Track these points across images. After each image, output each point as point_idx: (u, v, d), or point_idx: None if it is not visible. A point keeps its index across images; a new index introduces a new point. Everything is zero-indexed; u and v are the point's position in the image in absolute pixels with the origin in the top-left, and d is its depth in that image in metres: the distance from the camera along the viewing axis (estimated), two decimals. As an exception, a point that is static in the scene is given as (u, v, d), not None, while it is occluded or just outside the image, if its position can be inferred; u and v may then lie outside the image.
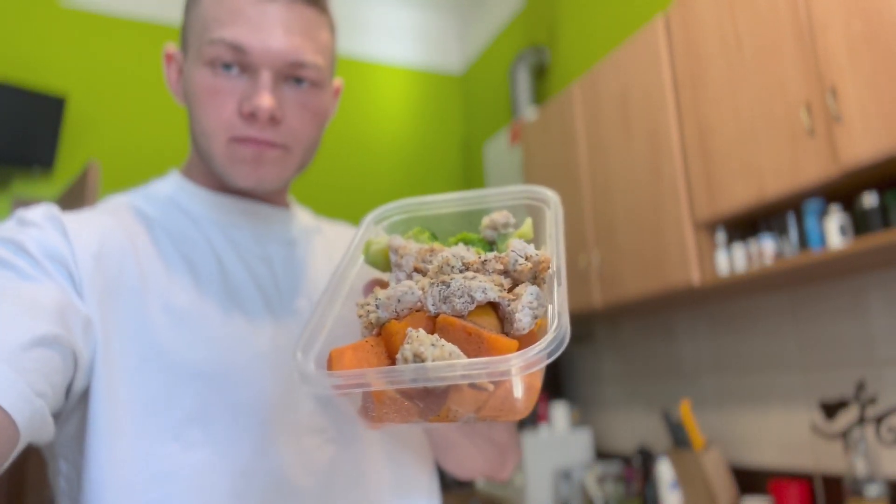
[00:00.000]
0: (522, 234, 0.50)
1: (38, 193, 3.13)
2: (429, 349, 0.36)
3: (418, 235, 0.53)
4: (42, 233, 0.61)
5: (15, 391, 0.48)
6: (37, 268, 0.58)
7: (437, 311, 0.41)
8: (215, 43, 0.65)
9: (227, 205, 0.75)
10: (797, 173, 1.67)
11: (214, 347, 0.65)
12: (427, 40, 4.34)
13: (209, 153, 0.70)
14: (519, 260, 0.43)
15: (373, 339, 0.42)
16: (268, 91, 0.66)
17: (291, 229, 0.80)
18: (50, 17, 3.28)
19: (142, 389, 0.62)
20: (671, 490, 2.22)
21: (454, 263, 0.43)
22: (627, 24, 2.82)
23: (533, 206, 0.52)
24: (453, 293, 0.40)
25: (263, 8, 0.66)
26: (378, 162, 3.99)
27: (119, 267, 0.64)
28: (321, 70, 0.70)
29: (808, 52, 1.66)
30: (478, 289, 0.40)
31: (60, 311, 0.56)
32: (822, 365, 1.98)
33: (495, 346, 0.37)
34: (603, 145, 2.42)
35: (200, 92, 0.68)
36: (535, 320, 0.40)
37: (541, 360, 0.33)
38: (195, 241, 0.71)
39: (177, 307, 0.65)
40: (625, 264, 2.28)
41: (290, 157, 0.71)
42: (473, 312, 0.40)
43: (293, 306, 0.73)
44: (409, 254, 0.47)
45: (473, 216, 0.54)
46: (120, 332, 0.62)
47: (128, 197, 0.74)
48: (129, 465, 0.60)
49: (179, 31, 0.74)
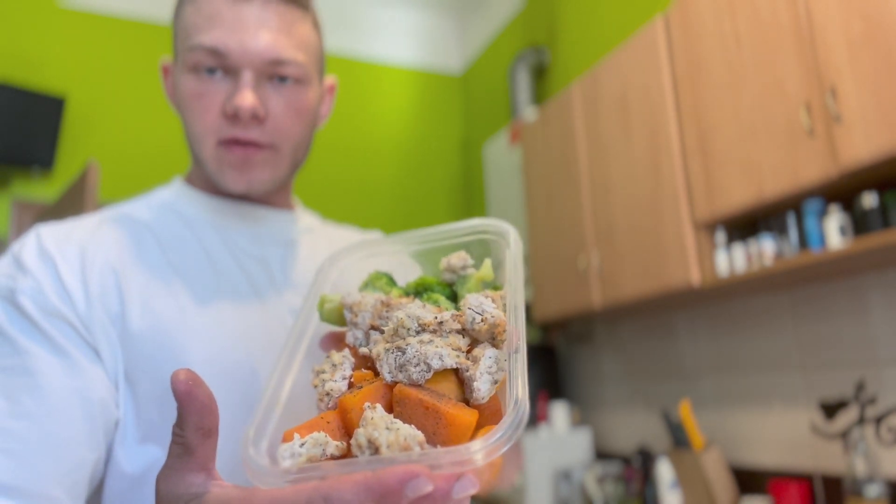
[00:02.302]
0: (482, 277, 0.49)
1: (38, 193, 3.13)
2: (383, 434, 0.35)
3: (375, 281, 0.52)
4: (37, 285, 0.62)
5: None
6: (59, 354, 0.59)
7: (394, 378, 0.40)
8: (195, 49, 0.67)
9: (224, 208, 0.75)
10: (797, 173, 1.67)
11: (206, 350, 0.65)
12: (427, 40, 4.34)
13: (201, 158, 0.70)
14: (476, 318, 0.42)
15: (329, 415, 0.41)
16: (248, 89, 0.66)
17: (291, 230, 0.80)
18: (49, 17, 3.28)
19: (138, 399, 0.62)
20: (671, 490, 2.22)
21: (409, 325, 0.42)
22: (627, 24, 2.83)
23: (491, 240, 0.51)
24: (409, 361, 0.39)
25: (240, 10, 0.67)
26: (378, 162, 3.99)
27: (102, 287, 0.64)
28: (303, 67, 0.70)
29: (807, 52, 1.66)
30: (434, 356, 0.39)
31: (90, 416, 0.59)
32: (822, 365, 1.98)
33: (453, 423, 0.37)
34: (603, 145, 2.42)
35: (187, 98, 0.69)
36: (494, 385, 0.39)
37: (501, 446, 0.33)
38: (187, 245, 0.71)
39: (159, 314, 0.65)
40: (624, 264, 2.28)
41: (280, 156, 0.71)
42: (432, 379, 0.40)
43: (289, 306, 0.73)
44: (365, 310, 0.46)
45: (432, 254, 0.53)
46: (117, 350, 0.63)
47: (126, 206, 0.75)
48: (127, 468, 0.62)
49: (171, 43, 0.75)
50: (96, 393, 0.60)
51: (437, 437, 0.37)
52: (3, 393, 0.56)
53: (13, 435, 0.55)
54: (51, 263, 0.63)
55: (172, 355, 0.63)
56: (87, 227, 0.69)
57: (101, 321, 0.62)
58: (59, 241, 0.66)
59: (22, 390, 0.57)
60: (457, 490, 0.31)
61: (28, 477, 0.54)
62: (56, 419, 0.57)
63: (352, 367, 0.45)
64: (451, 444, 0.36)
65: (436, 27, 4.39)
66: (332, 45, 3.92)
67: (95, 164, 2.50)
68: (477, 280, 0.50)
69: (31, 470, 0.54)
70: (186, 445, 0.36)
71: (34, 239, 0.66)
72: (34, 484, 0.54)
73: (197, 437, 0.36)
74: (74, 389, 0.59)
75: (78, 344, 0.61)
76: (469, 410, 0.38)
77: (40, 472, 0.54)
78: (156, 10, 3.53)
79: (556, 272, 2.66)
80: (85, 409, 0.58)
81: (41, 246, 0.65)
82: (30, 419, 0.56)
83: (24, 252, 0.64)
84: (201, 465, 0.36)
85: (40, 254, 0.64)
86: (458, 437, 0.36)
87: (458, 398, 0.40)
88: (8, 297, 0.61)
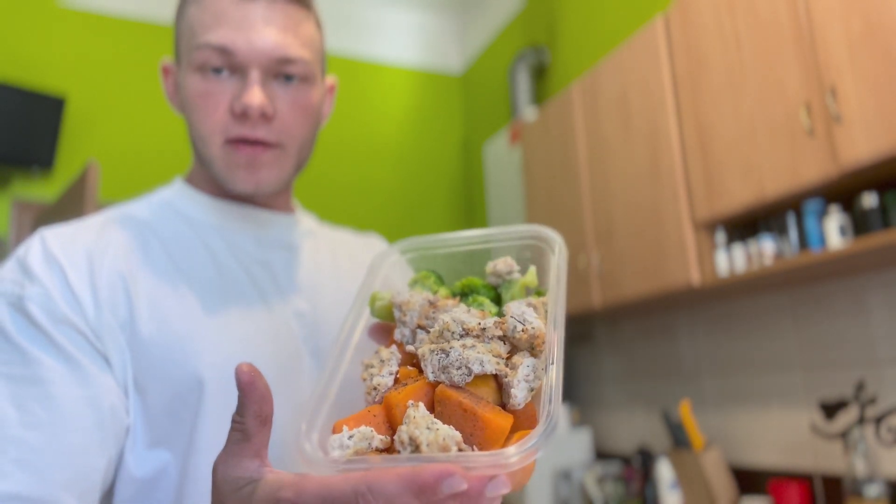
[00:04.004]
0: (527, 283, 0.52)
1: (38, 193, 3.13)
2: (424, 433, 0.37)
3: (424, 279, 0.54)
4: (45, 292, 0.61)
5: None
6: (68, 362, 0.59)
7: (437, 378, 0.43)
8: (202, 48, 0.67)
9: (227, 210, 0.75)
10: (797, 173, 1.67)
11: (214, 355, 0.65)
12: (427, 40, 4.34)
13: (208, 158, 0.70)
14: (517, 327, 0.44)
15: (375, 408, 0.43)
16: (257, 88, 0.66)
17: (293, 234, 0.80)
18: (49, 17, 3.28)
19: (147, 404, 0.63)
20: (671, 490, 2.22)
21: (454, 329, 0.45)
22: (627, 24, 2.83)
23: (537, 247, 0.53)
24: (451, 364, 0.42)
25: (246, 8, 0.67)
26: (378, 162, 3.99)
27: (110, 292, 0.64)
28: (308, 65, 0.71)
29: (807, 52, 1.66)
30: (475, 361, 0.42)
31: (101, 424, 0.59)
32: (822, 365, 1.98)
33: (489, 426, 0.39)
34: (603, 145, 2.42)
35: (193, 97, 0.69)
36: (530, 393, 0.42)
37: (533, 453, 0.35)
38: (191, 246, 0.71)
39: (167, 318, 0.65)
40: (624, 264, 2.28)
41: (286, 156, 0.71)
42: (472, 382, 0.42)
43: (294, 309, 0.73)
44: (413, 310, 0.49)
45: (479, 256, 0.56)
46: (125, 353, 0.63)
47: (128, 207, 0.75)
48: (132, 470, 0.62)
49: (173, 44, 0.75)
50: (106, 400, 0.60)
51: (474, 439, 0.39)
52: (14, 403, 0.56)
53: (25, 445, 0.55)
54: (58, 269, 0.63)
55: (181, 360, 0.63)
56: (92, 230, 0.69)
57: (111, 327, 0.62)
58: (65, 245, 0.65)
59: (32, 400, 0.57)
60: (490, 489, 0.33)
61: (40, 486, 0.54)
62: (67, 428, 0.57)
63: (398, 364, 0.47)
64: (486, 445, 0.39)
65: (436, 27, 4.39)
66: (333, 45, 3.92)
67: (95, 164, 2.50)
68: (521, 286, 0.52)
69: (43, 479, 0.54)
70: (245, 432, 0.39)
71: (39, 243, 0.65)
72: (47, 493, 0.54)
73: (255, 424, 0.39)
74: (85, 398, 0.59)
75: (87, 351, 0.61)
76: (504, 415, 0.41)
77: (52, 481, 0.55)
78: (156, 10, 3.53)
79: (556, 272, 2.66)
80: (95, 418, 0.59)
81: (47, 251, 0.64)
82: (41, 429, 0.56)
83: (30, 257, 0.63)
84: (256, 452, 0.39)
85: (47, 259, 0.63)
86: (493, 439, 0.39)
87: (496, 402, 0.42)
88: (16, 305, 0.60)
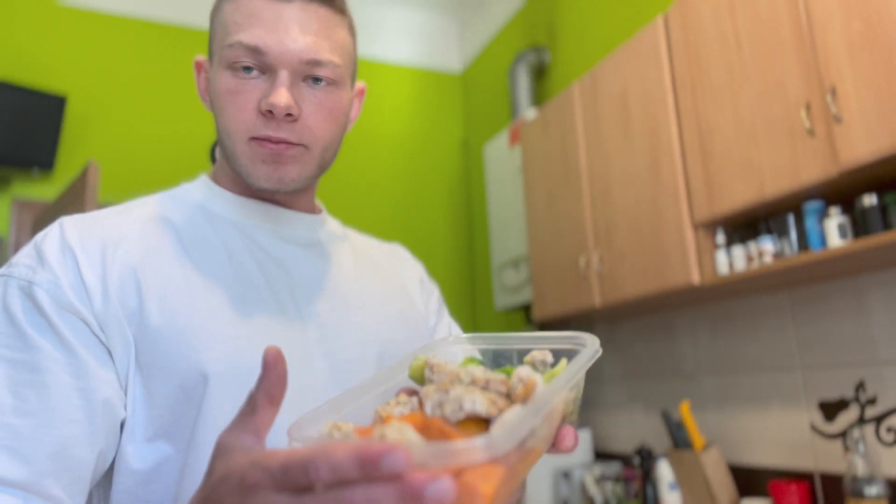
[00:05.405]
0: (554, 373, 0.53)
1: (38, 193, 3.13)
2: (392, 434, 0.38)
3: (468, 363, 0.56)
4: (55, 279, 0.62)
5: None
6: (68, 352, 0.60)
7: (433, 414, 0.44)
8: (234, 46, 0.68)
9: (248, 207, 0.76)
10: (797, 174, 1.67)
11: (222, 350, 0.65)
12: (427, 40, 4.34)
13: (233, 154, 0.71)
14: (518, 385, 0.45)
15: (367, 428, 0.45)
16: (284, 88, 0.67)
17: (316, 234, 0.81)
18: (49, 16, 3.28)
19: (150, 396, 0.63)
20: (671, 490, 2.22)
21: (463, 378, 0.47)
22: (627, 24, 2.83)
23: (575, 350, 0.55)
24: (447, 400, 0.43)
25: (279, 9, 0.68)
26: (378, 162, 3.99)
27: (120, 284, 0.65)
28: (338, 69, 0.71)
29: (807, 52, 1.66)
30: (469, 400, 0.43)
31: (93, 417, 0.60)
32: (822, 365, 1.98)
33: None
34: (603, 146, 2.42)
35: (223, 94, 0.70)
36: None
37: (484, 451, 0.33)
38: (208, 242, 0.72)
39: (177, 312, 0.65)
40: (624, 264, 2.28)
41: (309, 155, 0.72)
42: (464, 424, 0.43)
43: (308, 310, 0.73)
44: (443, 372, 0.51)
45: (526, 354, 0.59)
46: (133, 348, 0.64)
47: (149, 199, 0.76)
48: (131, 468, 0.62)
49: (207, 41, 0.77)
50: (101, 394, 0.60)
51: None
52: (10, 388, 0.58)
53: (14, 431, 0.56)
54: (71, 257, 0.64)
55: (187, 353, 0.63)
56: (111, 220, 0.70)
57: (118, 318, 0.63)
58: (81, 234, 0.66)
59: (27, 386, 0.58)
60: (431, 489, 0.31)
61: (26, 473, 0.55)
62: (57, 418, 0.58)
63: (410, 410, 0.49)
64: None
65: (436, 27, 4.39)
66: (332, 45, 3.92)
67: (95, 164, 2.50)
68: (551, 375, 0.53)
69: (28, 466, 0.55)
70: (254, 406, 0.42)
71: (58, 230, 0.66)
72: (32, 480, 0.55)
73: (264, 399, 0.42)
74: (78, 389, 0.59)
75: (89, 342, 0.61)
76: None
77: (40, 470, 0.56)
78: (157, 10, 3.53)
79: (556, 272, 2.66)
80: (87, 410, 0.59)
81: (63, 238, 0.65)
82: (31, 416, 0.57)
83: (46, 244, 0.65)
84: (256, 429, 0.41)
85: (62, 247, 0.64)
86: None
87: None
88: (26, 290, 0.62)
